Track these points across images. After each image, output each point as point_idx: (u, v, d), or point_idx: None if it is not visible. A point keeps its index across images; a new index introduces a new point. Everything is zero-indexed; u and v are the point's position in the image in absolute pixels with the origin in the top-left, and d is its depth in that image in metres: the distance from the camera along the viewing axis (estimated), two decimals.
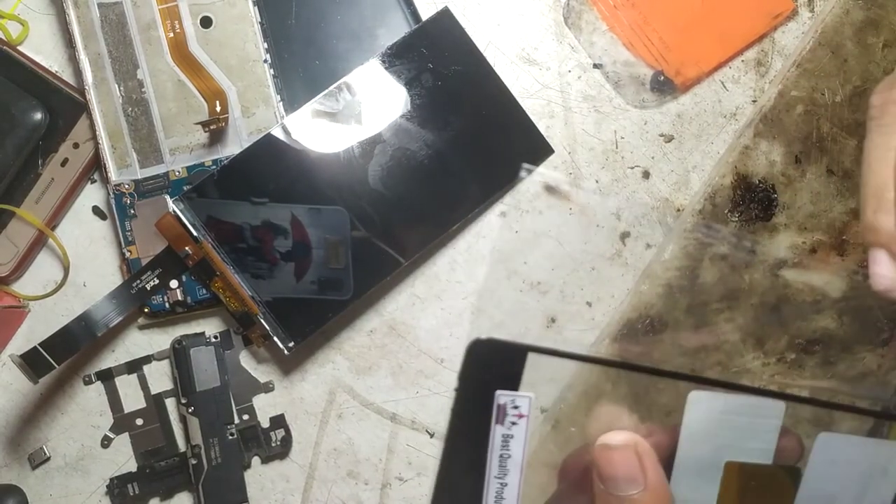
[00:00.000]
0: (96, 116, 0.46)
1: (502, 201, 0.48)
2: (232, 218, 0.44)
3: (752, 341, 0.46)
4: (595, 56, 0.48)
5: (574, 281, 0.48)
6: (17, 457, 0.48)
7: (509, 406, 0.27)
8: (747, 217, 0.47)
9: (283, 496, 0.48)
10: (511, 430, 0.28)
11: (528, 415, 0.28)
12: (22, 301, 0.48)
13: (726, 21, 0.48)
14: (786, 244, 0.47)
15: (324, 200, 0.45)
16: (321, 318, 0.45)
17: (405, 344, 0.48)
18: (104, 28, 0.46)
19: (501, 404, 0.27)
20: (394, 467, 0.48)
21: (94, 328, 0.44)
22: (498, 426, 0.28)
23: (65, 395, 0.48)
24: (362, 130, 0.45)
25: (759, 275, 0.47)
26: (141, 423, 0.48)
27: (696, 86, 0.48)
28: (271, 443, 0.47)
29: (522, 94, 0.48)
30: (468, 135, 0.46)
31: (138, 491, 0.47)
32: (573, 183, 0.48)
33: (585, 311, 0.48)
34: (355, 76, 0.45)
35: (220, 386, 0.46)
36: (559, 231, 0.48)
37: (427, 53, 0.46)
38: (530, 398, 0.28)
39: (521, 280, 0.48)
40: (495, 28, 0.48)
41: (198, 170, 0.46)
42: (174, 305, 0.46)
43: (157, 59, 0.46)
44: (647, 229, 0.48)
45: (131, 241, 0.46)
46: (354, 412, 0.48)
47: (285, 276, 0.45)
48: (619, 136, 0.48)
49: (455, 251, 0.48)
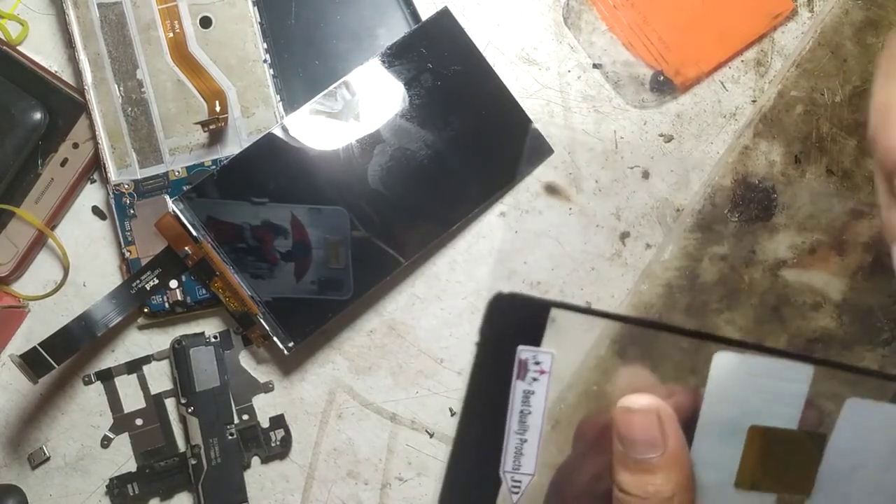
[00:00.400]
0: (96, 116, 0.46)
1: (502, 201, 0.48)
2: (232, 218, 0.44)
3: (752, 341, 0.46)
4: (595, 56, 0.48)
5: (574, 281, 0.48)
6: (17, 457, 0.48)
7: (531, 362, 0.27)
8: (747, 217, 0.47)
9: (283, 496, 0.48)
10: (532, 385, 0.27)
11: (550, 371, 0.27)
12: (22, 301, 0.48)
13: (726, 21, 0.48)
14: (786, 244, 0.47)
15: (324, 200, 0.45)
16: (321, 318, 0.45)
17: (405, 344, 0.48)
18: (104, 28, 0.46)
19: (523, 360, 0.27)
20: (394, 467, 0.48)
21: (94, 328, 0.44)
22: (519, 381, 0.27)
23: (65, 395, 0.48)
24: (362, 130, 0.45)
25: (759, 275, 0.47)
26: (141, 423, 0.48)
27: (695, 86, 0.48)
28: (271, 443, 0.47)
29: (522, 94, 0.48)
30: (468, 135, 0.46)
31: (138, 491, 0.47)
32: (573, 183, 0.48)
33: None
34: (355, 76, 0.45)
35: (219, 386, 0.46)
36: (559, 231, 0.48)
37: (427, 53, 0.46)
38: (552, 354, 0.27)
39: (521, 280, 0.48)
40: (495, 28, 0.48)
41: (197, 170, 0.46)
42: (174, 305, 0.46)
43: (157, 59, 0.46)
44: (646, 229, 0.48)
45: (131, 241, 0.46)
46: (354, 412, 0.48)
47: (285, 276, 0.45)
48: (618, 136, 0.48)
49: (455, 251, 0.48)
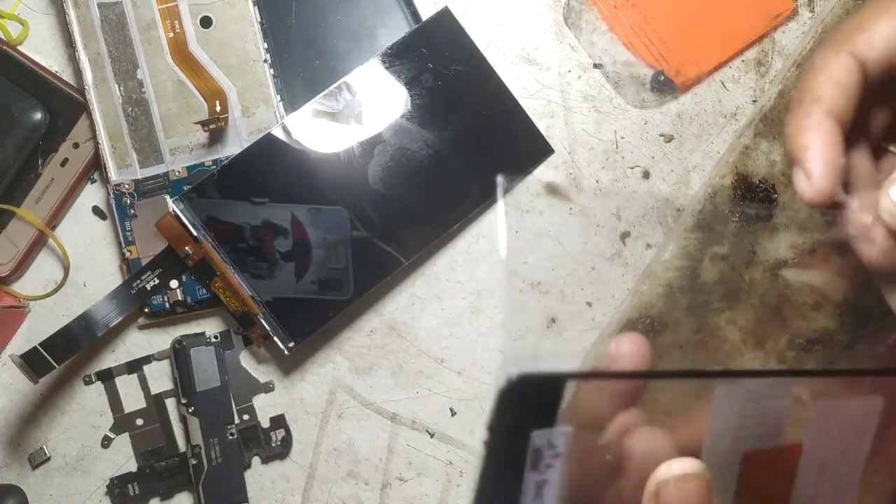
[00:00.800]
0: (96, 116, 0.46)
1: (503, 201, 0.48)
2: (232, 218, 0.44)
3: (752, 341, 0.46)
4: (595, 56, 0.48)
5: (574, 281, 0.48)
6: (17, 457, 0.48)
7: (545, 448, 0.24)
8: (748, 217, 0.47)
9: (283, 496, 0.48)
10: (546, 474, 0.24)
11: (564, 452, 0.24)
12: (22, 301, 0.48)
13: (726, 21, 0.48)
14: (786, 244, 0.47)
15: (324, 200, 0.45)
16: (321, 318, 0.45)
17: (405, 344, 0.48)
18: (104, 28, 0.46)
19: (537, 447, 0.24)
20: (394, 467, 0.48)
21: (94, 328, 0.44)
22: (532, 473, 0.24)
23: (65, 395, 0.48)
24: (362, 130, 0.45)
25: (760, 275, 0.47)
26: (141, 423, 0.48)
27: (696, 86, 0.48)
28: (271, 443, 0.47)
29: (522, 93, 0.48)
30: (468, 135, 0.46)
31: (138, 491, 0.47)
32: (573, 183, 0.48)
33: (585, 311, 0.48)
34: (355, 76, 0.45)
35: (220, 386, 0.46)
36: (559, 231, 0.48)
37: (427, 53, 0.46)
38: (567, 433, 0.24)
39: (521, 280, 0.48)
40: (495, 28, 0.48)
41: (198, 170, 0.46)
42: (174, 305, 0.46)
43: (157, 59, 0.46)
44: (647, 229, 0.48)
45: (131, 241, 0.46)
46: (354, 412, 0.48)
47: (285, 276, 0.45)
48: (619, 135, 0.48)
49: (455, 251, 0.48)
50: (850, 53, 0.29)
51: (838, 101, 0.29)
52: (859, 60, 0.29)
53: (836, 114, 0.29)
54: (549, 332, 0.48)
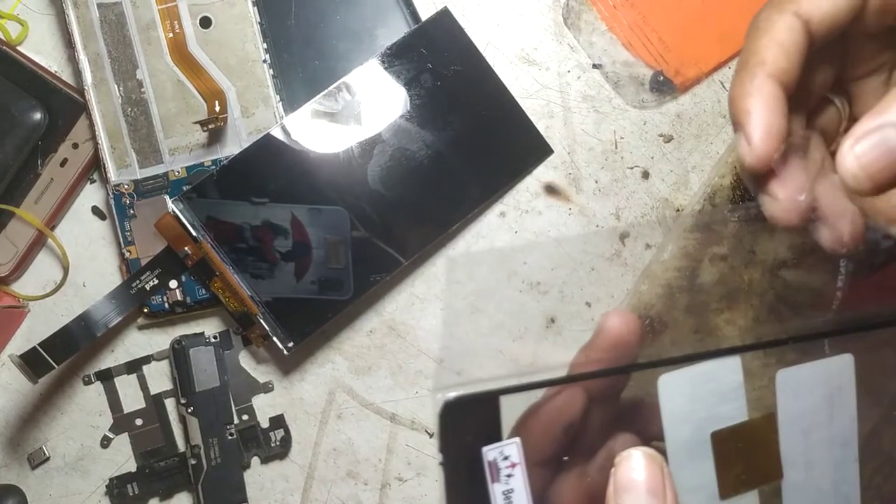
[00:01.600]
0: (95, 116, 0.46)
1: (502, 201, 0.48)
2: (231, 218, 0.44)
3: (751, 341, 0.46)
4: (594, 56, 0.48)
5: (574, 281, 0.48)
6: (16, 457, 0.48)
7: (499, 460, 0.25)
8: (747, 217, 0.47)
9: (283, 496, 0.48)
10: (509, 483, 0.25)
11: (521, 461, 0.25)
12: (21, 301, 0.48)
13: (726, 21, 0.48)
14: (786, 244, 0.47)
15: (324, 200, 0.45)
16: (321, 318, 0.45)
17: (405, 344, 0.48)
18: (103, 28, 0.46)
19: (491, 461, 0.25)
20: (393, 467, 0.48)
21: (94, 328, 0.44)
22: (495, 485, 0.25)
23: (64, 396, 0.48)
24: (362, 131, 0.45)
25: (759, 275, 0.47)
26: (140, 423, 0.48)
27: (695, 86, 0.48)
28: (271, 443, 0.47)
29: (522, 94, 0.48)
30: (468, 135, 0.46)
31: (138, 491, 0.47)
32: (573, 183, 0.48)
33: (585, 311, 0.48)
34: (355, 76, 0.45)
35: (219, 386, 0.46)
36: (559, 231, 0.48)
37: (426, 53, 0.46)
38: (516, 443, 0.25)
39: (520, 280, 0.48)
40: (495, 28, 0.48)
41: (197, 170, 0.46)
42: (174, 305, 0.46)
43: (157, 59, 0.46)
44: (646, 229, 0.48)
45: (131, 241, 0.46)
46: (354, 412, 0.48)
47: (285, 276, 0.45)
48: (618, 136, 0.48)
49: (455, 251, 0.48)
50: (795, 13, 0.28)
51: (781, 63, 0.28)
52: (804, 20, 0.28)
53: (780, 76, 0.28)
54: (548, 332, 0.48)
